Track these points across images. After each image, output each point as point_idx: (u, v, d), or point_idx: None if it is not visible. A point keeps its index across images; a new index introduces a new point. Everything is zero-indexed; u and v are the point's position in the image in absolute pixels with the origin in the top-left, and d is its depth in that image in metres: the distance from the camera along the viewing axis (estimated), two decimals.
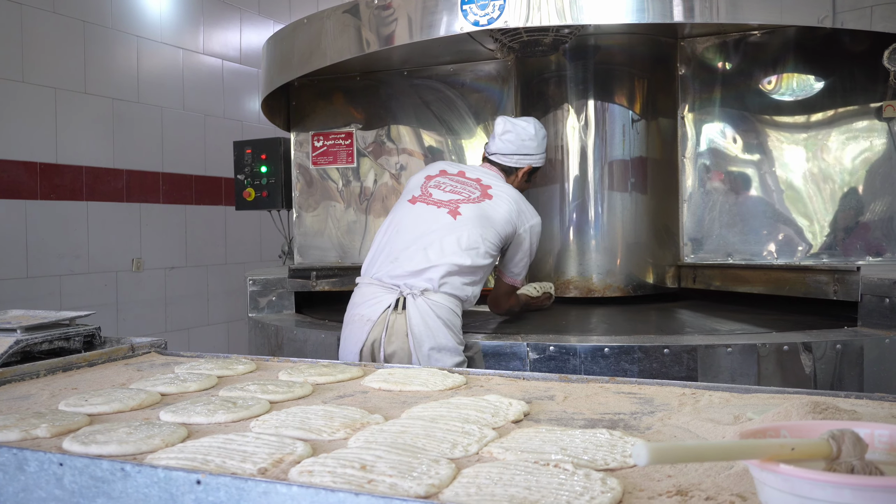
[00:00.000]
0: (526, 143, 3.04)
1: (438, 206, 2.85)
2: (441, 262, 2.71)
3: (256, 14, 6.75)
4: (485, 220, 2.81)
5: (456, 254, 2.72)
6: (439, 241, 2.74)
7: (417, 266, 2.73)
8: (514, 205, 2.89)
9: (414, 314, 2.68)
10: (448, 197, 2.88)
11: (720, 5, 3.01)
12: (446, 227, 2.78)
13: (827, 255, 3.59)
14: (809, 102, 3.68)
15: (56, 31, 4.88)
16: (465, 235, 2.75)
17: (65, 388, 1.74)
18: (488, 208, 2.85)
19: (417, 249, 2.75)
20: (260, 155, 4.53)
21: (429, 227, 2.80)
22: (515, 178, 3.07)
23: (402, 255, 2.77)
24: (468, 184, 2.95)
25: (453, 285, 2.73)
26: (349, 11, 3.53)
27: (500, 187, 2.95)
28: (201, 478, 1.02)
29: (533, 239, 2.95)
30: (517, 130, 3.04)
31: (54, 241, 4.85)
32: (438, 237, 2.76)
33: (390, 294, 2.73)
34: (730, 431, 1.25)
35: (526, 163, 3.06)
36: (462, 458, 1.16)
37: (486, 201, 2.87)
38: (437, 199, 2.88)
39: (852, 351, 2.61)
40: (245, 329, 6.02)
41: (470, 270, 2.75)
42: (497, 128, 3.09)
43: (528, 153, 3.06)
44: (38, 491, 1.15)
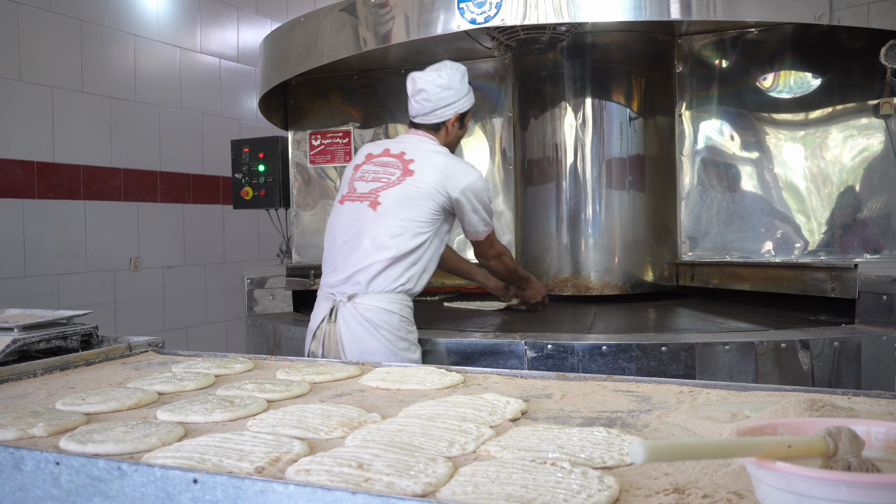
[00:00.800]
0: (441, 94, 2.82)
1: (361, 200, 2.76)
2: (366, 261, 2.66)
3: (254, 13, 6.74)
4: (409, 201, 2.70)
5: (380, 248, 2.66)
6: (363, 239, 2.69)
7: (347, 271, 2.69)
8: (439, 173, 2.73)
9: (342, 322, 2.66)
10: (370, 187, 2.77)
11: (717, 3, 3.02)
12: (369, 221, 2.70)
13: (825, 252, 3.59)
14: (807, 100, 3.68)
15: (53, 29, 4.87)
16: (386, 226, 2.67)
17: (62, 387, 1.74)
18: (411, 187, 2.71)
19: (346, 253, 2.72)
20: (258, 154, 4.53)
21: (354, 226, 2.74)
22: (447, 132, 2.88)
23: (337, 262, 2.75)
24: (390, 164, 2.81)
25: (385, 282, 2.65)
26: (346, 10, 3.52)
27: (424, 158, 2.78)
28: (198, 477, 1.02)
29: (473, 198, 2.77)
30: (428, 86, 2.82)
31: (52, 241, 4.84)
32: (362, 235, 2.70)
33: (327, 303, 2.73)
34: (727, 429, 1.25)
35: (451, 112, 2.85)
36: (459, 456, 1.16)
37: (408, 179, 2.73)
38: (360, 193, 2.78)
39: (850, 348, 2.61)
40: (243, 328, 6.01)
41: (401, 258, 2.66)
42: (409, 89, 2.88)
43: (448, 103, 2.83)
44: (35, 490, 1.15)
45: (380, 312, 2.64)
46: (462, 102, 2.87)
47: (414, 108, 2.88)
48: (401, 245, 2.66)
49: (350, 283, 2.68)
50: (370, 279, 2.65)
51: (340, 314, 2.67)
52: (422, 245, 2.70)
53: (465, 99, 2.88)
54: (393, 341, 2.64)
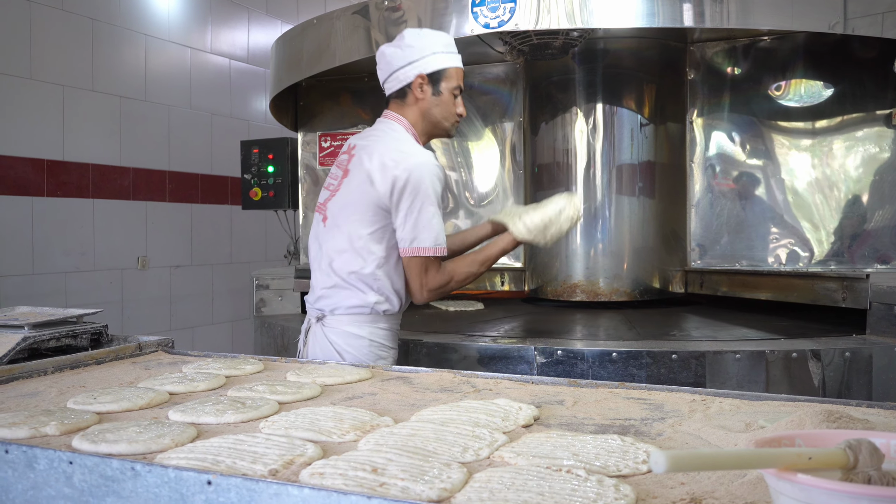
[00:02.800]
0: (399, 53, 2.46)
1: (318, 211, 2.54)
2: (325, 282, 2.44)
3: (264, 14, 6.75)
4: (346, 210, 2.41)
5: (331, 268, 2.42)
6: (321, 258, 2.48)
7: (314, 289, 2.51)
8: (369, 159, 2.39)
9: (312, 344, 2.47)
10: (324, 197, 2.54)
11: (730, 10, 3.01)
12: (322, 237, 2.49)
13: (834, 262, 3.58)
14: (818, 109, 3.67)
15: (64, 28, 4.88)
16: (333, 242, 2.43)
17: (73, 386, 1.74)
18: (346, 192, 2.42)
19: (314, 271, 2.52)
20: (267, 155, 4.53)
21: (315, 243, 2.53)
22: (415, 99, 2.47)
23: (311, 280, 2.56)
24: (340, 164, 2.53)
25: (348, 303, 2.40)
26: (359, 12, 3.53)
27: (364, 150, 2.44)
28: (212, 478, 1.02)
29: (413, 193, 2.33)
30: (384, 51, 2.51)
31: (60, 239, 4.85)
32: (320, 253, 2.49)
33: (306, 322, 2.58)
34: (741, 439, 1.24)
35: (413, 73, 2.44)
36: (473, 462, 1.16)
37: (344, 182, 2.44)
38: (318, 204, 2.55)
39: (861, 359, 2.60)
40: (249, 328, 6.01)
41: (356, 275, 2.39)
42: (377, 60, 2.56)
43: (408, 61, 2.44)
44: (48, 489, 1.15)
45: (346, 336, 2.41)
46: (427, 60, 2.45)
47: (380, 82, 2.57)
48: (349, 264, 2.39)
49: (318, 303, 2.48)
50: (333, 300, 2.43)
51: (311, 335, 2.50)
52: (369, 260, 2.38)
53: (432, 57, 2.45)
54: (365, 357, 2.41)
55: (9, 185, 4.55)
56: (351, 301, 2.40)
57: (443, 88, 2.48)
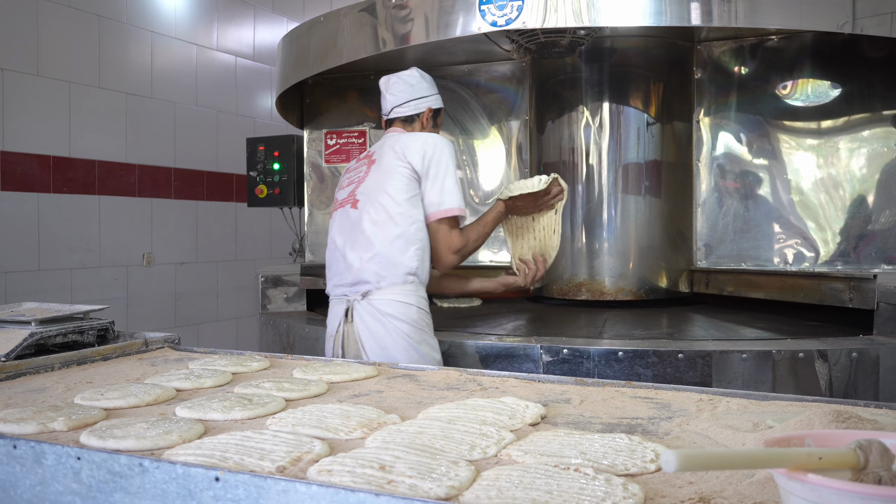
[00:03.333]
0: (415, 86, 2.87)
1: (343, 205, 2.79)
2: (365, 256, 2.64)
3: (270, 11, 6.75)
4: (378, 187, 2.68)
5: (372, 239, 2.64)
6: (357, 236, 2.68)
7: (352, 271, 2.68)
8: (396, 146, 2.71)
9: (359, 321, 2.63)
10: (347, 192, 2.81)
11: (738, 9, 3.00)
12: (355, 221, 2.70)
13: (841, 262, 3.57)
14: (825, 108, 3.66)
15: (71, 25, 4.89)
16: (370, 215, 2.66)
17: (80, 382, 1.74)
18: (376, 173, 2.71)
19: (346, 256, 2.71)
20: (273, 152, 4.53)
21: (345, 229, 2.74)
22: (421, 127, 2.88)
23: (340, 266, 2.73)
24: (361, 163, 2.85)
25: (390, 273, 2.62)
26: (366, 10, 3.53)
27: (384, 144, 2.78)
28: (220, 475, 1.02)
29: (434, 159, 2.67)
30: (402, 77, 2.88)
31: (66, 235, 4.86)
32: (356, 235, 2.69)
33: (341, 305, 2.72)
34: (749, 439, 1.24)
35: (424, 105, 2.86)
36: (481, 460, 1.16)
37: (372, 168, 2.75)
38: (341, 200, 2.82)
39: (868, 359, 2.59)
40: (254, 325, 6.01)
41: (399, 241, 2.62)
42: (382, 87, 2.93)
43: (422, 95, 2.87)
44: (56, 484, 1.15)
45: (396, 305, 2.60)
46: (434, 98, 2.90)
47: (389, 101, 2.89)
48: (391, 228, 2.63)
49: (359, 283, 2.66)
50: (376, 273, 2.62)
51: (356, 313, 2.64)
52: (407, 222, 2.63)
53: (436, 97, 2.92)
54: (412, 334, 2.59)
55: (15, 182, 4.55)
56: (396, 269, 2.61)
57: (438, 122, 2.94)
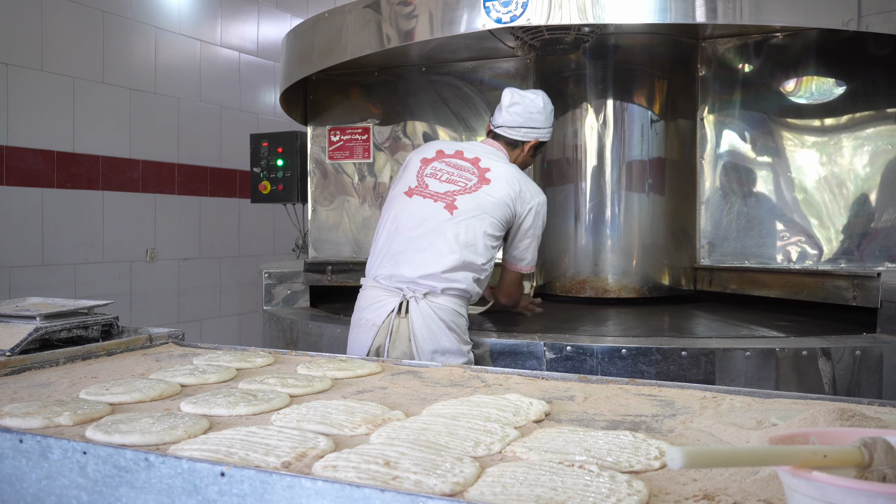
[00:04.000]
0: (534, 115, 2.92)
1: (435, 199, 2.75)
2: (440, 264, 2.65)
3: (274, 7, 6.75)
4: (484, 211, 2.72)
5: (455, 252, 2.66)
6: (439, 240, 2.68)
7: (419, 268, 2.67)
8: (515, 186, 2.77)
9: (416, 318, 2.64)
10: (445, 188, 2.77)
11: (743, 6, 3.00)
12: (444, 223, 2.70)
13: (844, 260, 3.57)
14: (830, 106, 3.65)
15: (75, 20, 4.89)
16: (464, 232, 2.68)
17: (85, 377, 1.75)
18: (486, 196, 2.73)
19: (418, 250, 2.69)
20: (276, 148, 4.54)
21: (427, 224, 2.71)
22: (521, 153, 2.96)
23: (403, 256, 2.71)
24: (465, 168, 2.82)
25: (456, 285, 2.67)
26: (370, 6, 3.52)
27: (499, 168, 2.82)
28: (225, 470, 1.02)
29: (537, 220, 2.82)
30: (525, 102, 2.92)
31: (70, 230, 4.87)
32: (437, 235, 2.68)
33: (393, 297, 2.69)
34: (753, 436, 1.24)
35: (533, 136, 2.94)
36: (485, 456, 1.16)
37: (484, 187, 2.75)
38: (433, 192, 2.77)
39: (871, 357, 2.59)
40: (257, 321, 6.02)
41: (472, 268, 2.68)
42: (504, 99, 2.97)
43: (536, 126, 2.93)
44: (61, 479, 1.16)
45: (452, 314, 2.67)
46: (546, 132, 2.98)
47: (504, 118, 2.94)
48: (474, 255, 2.68)
49: (424, 281, 2.66)
50: (446, 281, 2.66)
51: (414, 311, 2.65)
52: (488, 262, 2.74)
53: (548, 131, 2.99)
54: (461, 342, 2.68)
55: (19, 177, 4.56)
56: (462, 285, 2.69)
57: (536, 153, 3.03)
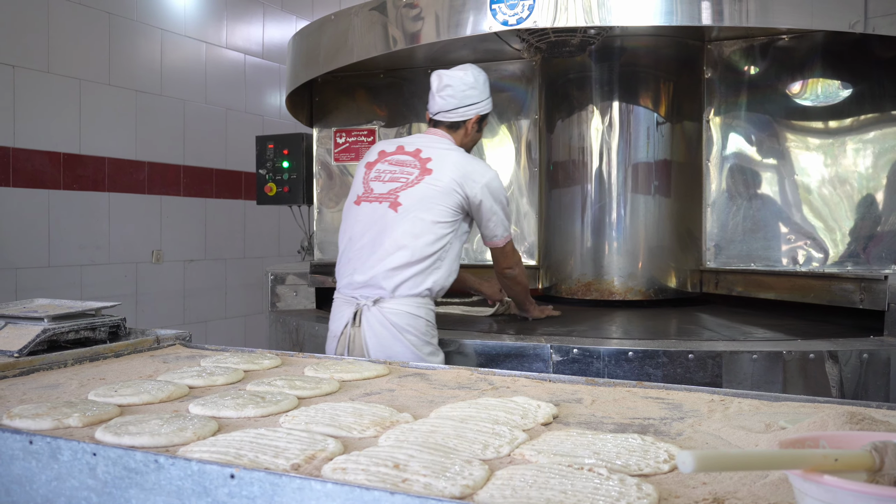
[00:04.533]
0: (467, 92, 2.83)
1: (380, 200, 2.72)
2: (389, 264, 2.62)
3: (279, 9, 6.76)
4: (429, 201, 2.66)
5: (403, 250, 2.62)
6: (385, 241, 2.65)
7: (368, 271, 2.66)
8: (459, 169, 2.69)
9: (366, 326, 2.63)
10: (387, 187, 2.73)
11: (750, 9, 2.99)
12: (389, 223, 2.66)
13: (851, 262, 3.56)
14: (836, 108, 3.65)
15: (82, 22, 4.90)
16: (408, 227, 2.63)
17: (93, 378, 1.75)
18: (429, 186, 2.67)
19: (368, 254, 2.68)
20: (282, 150, 4.54)
21: (374, 227, 2.70)
22: (465, 132, 2.87)
23: (355, 264, 2.71)
24: (406, 163, 2.76)
25: (409, 285, 2.62)
26: (377, 9, 3.53)
27: (441, 155, 2.74)
28: (235, 472, 1.03)
29: (494, 195, 2.73)
30: (455, 83, 2.82)
31: (76, 231, 4.88)
32: (385, 236, 2.66)
33: (349, 308, 2.70)
34: (762, 440, 1.24)
35: (473, 112, 2.84)
36: (494, 459, 1.16)
37: (427, 178, 2.69)
38: (377, 194, 2.74)
39: (879, 361, 2.58)
40: (262, 323, 6.03)
41: (424, 260, 2.63)
42: (434, 84, 2.87)
43: (472, 102, 2.84)
44: (71, 480, 1.16)
45: (406, 317, 2.62)
46: (484, 104, 2.88)
47: (437, 104, 2.86)
48: (424, 248, 2.63)
49: (373, 287, 2.65)
50: (395, 283, 2.62)
51: (365, 319, 2.64)
52: (444, 247, 2.66)
53: (486, 102, 2.89)
54: (418, 346, 2.62)
55: (26, 178, 4.57)
56: (416, 283, 2.63)
57: (481, 127, 2.94)
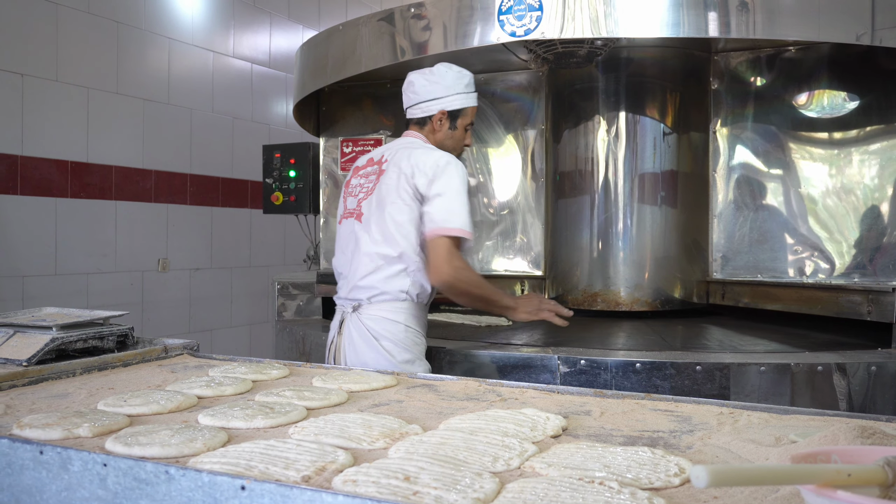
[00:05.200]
0: (428, 87, 2.73)
1: (351, 215, 2.75)
2: (361, 271, 2.63)
3: (286, 18, 6.79)
4: (383, 202, 2.61)
5: (368, 257, 2.61)
6: (355, 252, 2.67)
7: (347, 282, 2.70)
8: (406, 161, 2.61)
9: (346, 334, 2.65)
10: (355, 202, 2.75)
11: (756, 20, 3.00)
12: (357, 233, 2.68)
13: (858, 274, 3.55)
14: (843, 120, 3.64)
15: (90, 31, 4.93)
16: (374, 229, 2.61)
17: (101, 388, 1.76)
18: (382, 186, 2.63)
19: (347, 269, 2.71)
20: (289, 159, 4.55)
21: (350, 242, 2.72)
22: (432, 129, 2.76)
23: (341, 279, 2.76)
24: (370, 173, 2.75)
25: (385, 289, 2.59)
26: (384, 19, 3.54)
27: (396, 154, 2.68)
28: (246, 483, 1.03)
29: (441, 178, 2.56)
30: (418, 79, 2.76)
31: (83, 240, 4.89)
32: (356, 247, 2.67)
33: (338, 316, 2.74)
34: (773, 453, 1.23)
35: (436, 107, 2.73)
36: (504, 472, 1.16)
37: (381, 179, 2.66)
38: (350, 210, 2.77)
39: (887, 373, 2.57)
40: (267, 332, 6.03)
41: (392, 262, 2.58)
42: (404, 84, 2.83)
43: (434, 97, 2.72)
44: (82, 490, 1.16)
45: (383, 322, 2.59)
46: (450, 99, 2.74)
47: (405, 100, 2.82)
48: (386, 249, 2.58)
49: (353, 296, 2.67)
50: (370, 289, 2.62)
51: (345, 326, 2.66)
52: (404, 243, 2.57)
53: (454, 97, 2.74)
54: (395, 353, 2.56)
55: (33, 186, 4.59)
56: (389, 286, 2.58)
57: (458, 124, 2.79)
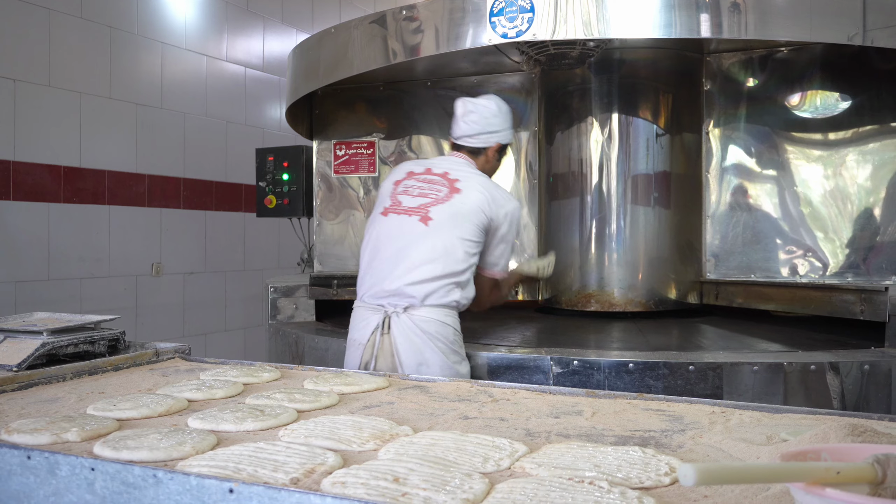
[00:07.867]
0: (490, 120, 2.90)
1: (409, 213, 2.77)
2: (418, 275, 2.65)
3: (279, 22, 6.78)
4: (457, 218, 2.71)
5: (432, 263, 2.66)
6: (415, 252, 2.68)
7: (397, 280, 2.68)
8: (485, 193, 2.76)
9: (398, 332, 2.64)
10: (417, 202, 2.78)
11: (748, 21, 3.00)
12: (419, 235, 2.70)
13: (851, 274, 3.55)
14: (835, 120, 3.65)
15: (83, 36, 4.92)
16: (440, 241, 2.68)
17: (92, 392, 1.75)
18: (458, 204, 2.73)
19: (396, 264, 2.70)
20: (282, 162, 4.54)
21: (403, 238, 2.73)
22: (486, 159, 2.93)
23: (383, 273, 2.73)
24: (435, 181, 2.83)
25: (437, 295, 2.65)
26: (376, 22, 3.54)
27: (468, 178, 2.82)
28: (234, 486, 1.02)
29: (512, 226, 2.81)
30: (479, 110, 2.90)
31: (76, 245, 4.88)
32: (413, 248, 2.69)
33: (376, 315, 2.71)
34: (764, 452, 1.23)
35: (494, 140, 2.91)
36: (494, 472, 1.15)
37: (456, 196, 2.75)
38: (407, 207, 2.78)
39: (880, 372, 2.57)
40: (262, 335, 6.01)
41: (451, 276, 2.67)
42: (458, 110, 2.94)
43: (494, 130, 2.91)
44: (69, 495, 1.15)
45: (436, 325, 2.65)
46: (506, 134, 2.95)
47: (461, 128, 2.92)
48: (454, 263, 2.67)
49: (402, 296, 2.67)
50: (425, 293, 2.65)
51: (395, 326, 2.65)
52: (468, 267, 2.71)
53: (508, 132, 2.97)
54: (447, 353, 2.65)
55: (26, 191, 4.58)
56: (444, 294, 2.68)
57: (501, 157, 3.01)
